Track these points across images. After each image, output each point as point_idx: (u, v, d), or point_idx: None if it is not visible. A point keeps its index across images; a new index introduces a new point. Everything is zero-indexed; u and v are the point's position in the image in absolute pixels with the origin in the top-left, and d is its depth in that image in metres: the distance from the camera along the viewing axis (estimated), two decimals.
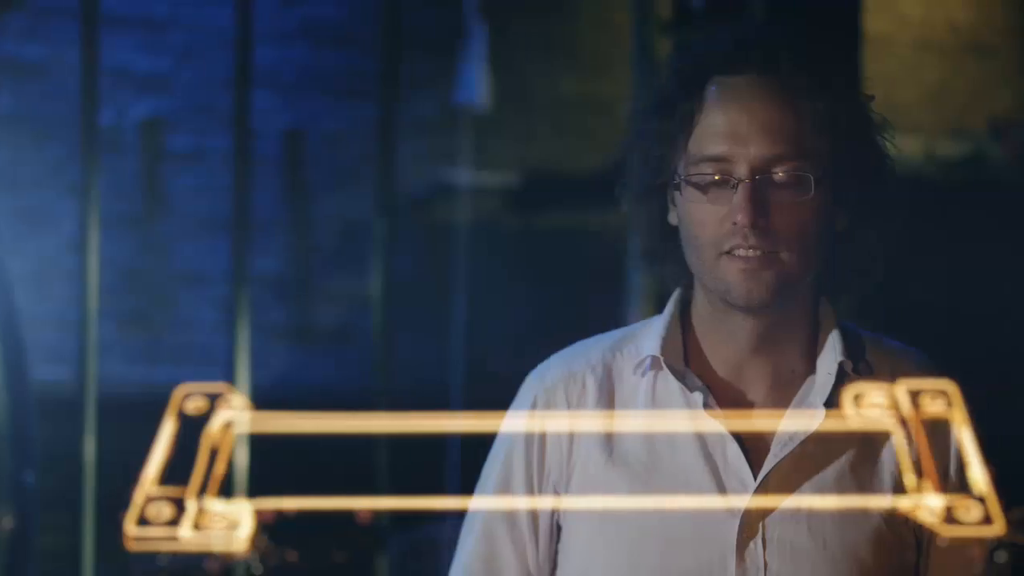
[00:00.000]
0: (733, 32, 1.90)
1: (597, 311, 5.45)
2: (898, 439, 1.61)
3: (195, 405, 1.11)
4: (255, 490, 3.97)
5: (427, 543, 5.51)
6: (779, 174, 1.82)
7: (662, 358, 1.90)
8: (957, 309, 5.39)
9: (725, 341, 1.89)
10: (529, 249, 6.00)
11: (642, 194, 1.92)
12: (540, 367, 2.01)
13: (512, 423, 1.97)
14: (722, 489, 1.85)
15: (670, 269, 1.93)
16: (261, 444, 3.99)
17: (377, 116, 4.22)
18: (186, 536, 1.06)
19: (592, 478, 1.90)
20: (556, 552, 1.96)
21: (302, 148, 5.81)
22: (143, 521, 1.06)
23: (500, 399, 2.01)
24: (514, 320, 5.76)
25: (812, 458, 1.85)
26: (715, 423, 1.86)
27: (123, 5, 5.45)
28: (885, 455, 1.87)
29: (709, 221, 1.84)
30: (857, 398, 1.32)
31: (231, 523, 1.07)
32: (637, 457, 1.88)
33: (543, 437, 1.94)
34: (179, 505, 1.07)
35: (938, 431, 1.81)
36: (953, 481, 1.77)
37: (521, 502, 1.92)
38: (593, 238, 5.91)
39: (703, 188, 1.84)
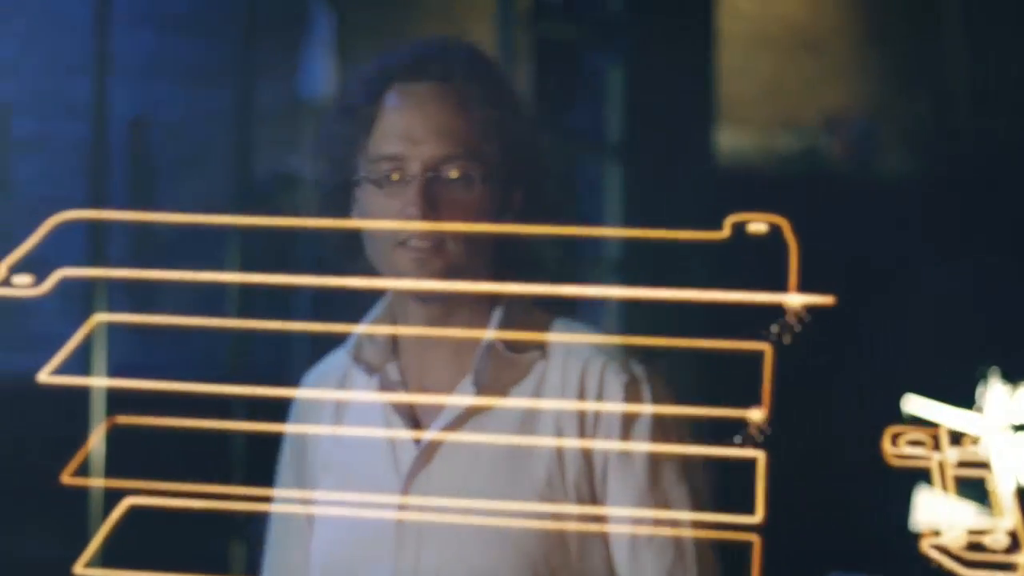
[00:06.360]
0: (414, 45, 2.10)
1: None
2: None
3: None
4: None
5: None
6: (449, 172, 2.01)
7: (351, 353, 2.10)
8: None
9: (408, 328, 2.09)
10: None
11: (328, 193, 2.10)
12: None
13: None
14: (397, 463, 2.05)
15: (360, 264, 2.08)
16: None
17: (233, 105, 4.21)
18: None
19: (322, 464, 2.12)
20: None
21: (148, 136, 5.76)
22: None
23: None
24: None
25: (469, 432, 2.04)
26: (384, 407, 2.08)
27: None
28: (541, 428, 2.04)
29: (385, 215, 2.02)
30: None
31: None
32: (347, 437, 2.11)
33: (303, 433, 2.15)
34: None
35: None
36: None
37: (295, 497, 2.14)
38: None
39: (380, 184, 2.03)
